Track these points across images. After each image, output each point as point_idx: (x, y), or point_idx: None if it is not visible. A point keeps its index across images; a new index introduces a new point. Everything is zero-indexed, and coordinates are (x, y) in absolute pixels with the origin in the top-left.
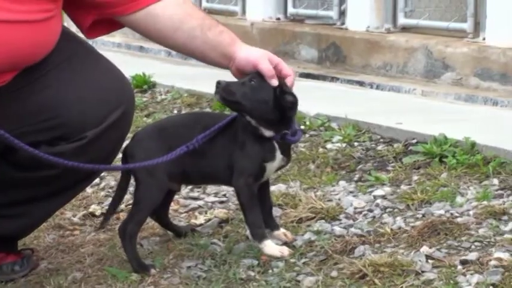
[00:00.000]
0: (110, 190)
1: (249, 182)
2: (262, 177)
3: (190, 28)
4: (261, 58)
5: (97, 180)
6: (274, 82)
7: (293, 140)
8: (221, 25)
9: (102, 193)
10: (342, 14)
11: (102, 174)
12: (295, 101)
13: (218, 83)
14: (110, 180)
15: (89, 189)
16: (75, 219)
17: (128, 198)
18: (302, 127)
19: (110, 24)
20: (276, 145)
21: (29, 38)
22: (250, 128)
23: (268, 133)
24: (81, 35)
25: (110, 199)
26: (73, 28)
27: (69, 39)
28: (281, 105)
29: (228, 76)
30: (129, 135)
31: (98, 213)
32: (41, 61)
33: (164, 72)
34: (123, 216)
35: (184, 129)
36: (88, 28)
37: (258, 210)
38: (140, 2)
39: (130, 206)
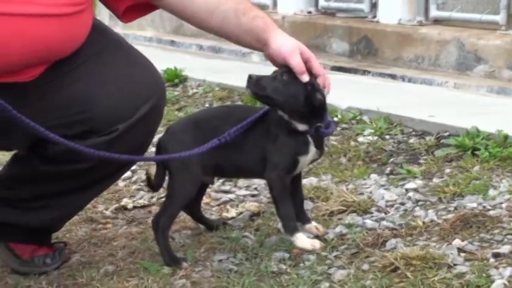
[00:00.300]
0: (142, 184)
1: (281, 175)
2: (294, 170)
3: (225, 11)
4: (292, 52)
5: (129, 173)
6: (305, 78)
7: (327, 132)
8: (256, 9)
9: (134, 186)
10: (374, 6)
11: (134, 167)
12: (324, 100)
13: (250, 77)
14: (141, 173)
15: (120, 183)
16: (107, 213)
17: (160, 191)
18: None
19: (145, 7)
20: (310, 139)
21: (59, 32)
22: (283, 122)
23: (301, 127)
24: (113, 20)
25: (142, 192)
26: (104, 19)
27: (99, 31)
28: (312, 102)
29: (259, 70)
30: (161, 128)
31: (129, 206)
32: (71, 54)
33: (195, 66)
34: (155, 209)
35: (217, 122)
36: (122, 13)
37: (290, 203)
38: None
39: (163, 199)
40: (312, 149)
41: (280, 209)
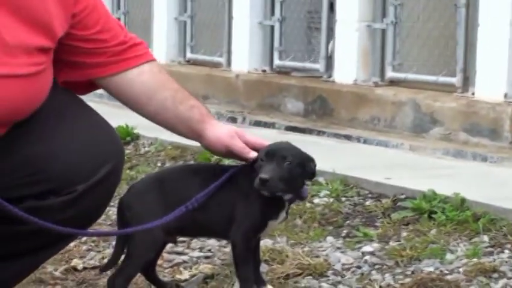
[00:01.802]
0: (92, 244)
1: (248, 236)
2: (261, 232)
3: (163, 99)
4: (232, 138)
5: None
6: (253, 155)
7: (305, 196)
8: (193, 99)
9: (85, 247)
10: (329, 66)
11: None
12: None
13: (264, 180)
14: None
15: (71, 243)
16: (57, 274)
17: (111, 252)
18: None
19: (88, 85)
20: (286, 204)
21: (21, 93)
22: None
23: (288, 196)
24: None
25: (92, 253)
26: None
27: (57, 91)
28: (308, 173)
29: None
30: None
31: (79, 267)
32: (31, 113)
33: (147, 124)
34: (106, 273)
35: (182, 182)
36: (66, 85)
37: (251, 266)
38: (118, 66)
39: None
40: (283, 214)
41: (241, 271)
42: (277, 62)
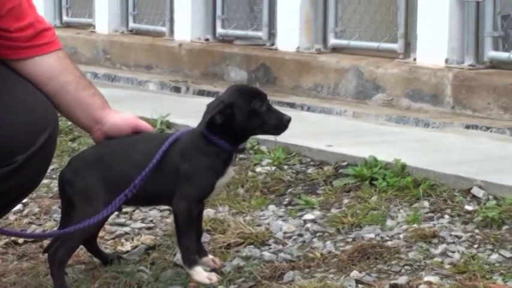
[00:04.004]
0: (34, 217)
1: (191, 204)
2: (207, 197)
3: (65, 82)
4: (136, 119)
5: (20, 206)
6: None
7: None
8: (94, 88)
9: (25, 220)
10: (272, 34)
11: (25, 200)
12: None
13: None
14: (33, 206)
15: (11, 216)
16: None
17: (53, 225)
18: None
19: None
20: (234, 157)
21: None
22: (202, 144)
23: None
24: None
25: (33, 226)
26: None
27: None
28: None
29: (155, 98)
30: (54, 159)
31: (20, 241)
32: None
33: None
34: (46, 244)
35: (122, 154)
36: None
37: (193, 236)
38: (27, 52)
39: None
40: (230, 170)
41: (183, 240)
42: (220, 30)
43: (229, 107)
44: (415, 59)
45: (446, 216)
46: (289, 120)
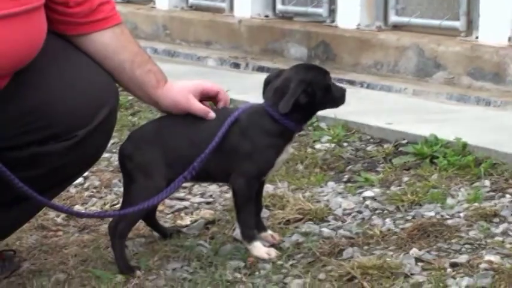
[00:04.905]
0: (94, 190)
1: (251, 181)
2: (266, 175)
3: (120, 61)
4: (188, 101)
5: (81, 180)
6: (211, 115)
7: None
8: (151, 63)
9: (86, 193)
10: (332, 11)
11: (86, 174)
12: None
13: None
14: (94, 180)
15: (72, 189)
16: (59, 220)
17: (113, 198)
18: None
19: None
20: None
21: (22, 34)
22: (265, 122)
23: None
24: None
25: (94, 199)
26: None
27: (50, 37)
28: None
29: (214, 74)
30: (115, 133)
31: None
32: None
33: None
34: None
35: (182, 129)
36: None
37: (252, 211)
38: (84, 28)
39: (119, 206)
40: (289, 148)
41: (242, 216)
42: (279, 6)
43: (310, 85)
44: (477, 37)
45: (508, 196)
46: (346, 91)
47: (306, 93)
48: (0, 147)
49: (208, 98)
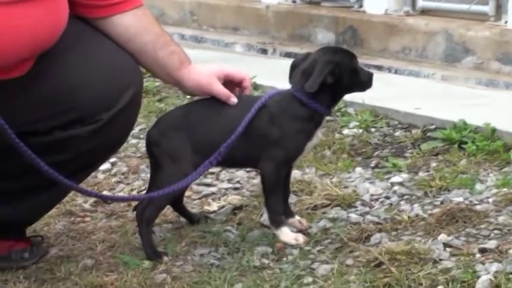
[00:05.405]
0: (122, 176)
1: (279, 167)
2: (295, 160)
3: (143, 43)
4: (211, 85)
5: (108, 166)
6: (233, 100)
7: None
8: (174, 44)
9: (114, 179)
10: None
11: (113, 159)
12: None
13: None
14: (121, 166)
15: (100, 175)
16: (86, 206)
17: (141, 184)
18: None
19: None
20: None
21: (43, 18)
22: (294, 107)
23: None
24: None
25: (122, 185)
26: None
27: (72, 20)
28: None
29: (242, 60)
30: (141, 119)
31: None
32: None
33: None
34: (135, 203)
35: (209, 117)
36: None
37: (280, 197)
38: (105, 11)
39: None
40: (318, 133)
41: (270, 201)
42: None
43: (338, 67)
44: (506, 22)
45: None
46: (373, 76)
47: (332, 74)
48: (25, 132)
49: (233, 84)
